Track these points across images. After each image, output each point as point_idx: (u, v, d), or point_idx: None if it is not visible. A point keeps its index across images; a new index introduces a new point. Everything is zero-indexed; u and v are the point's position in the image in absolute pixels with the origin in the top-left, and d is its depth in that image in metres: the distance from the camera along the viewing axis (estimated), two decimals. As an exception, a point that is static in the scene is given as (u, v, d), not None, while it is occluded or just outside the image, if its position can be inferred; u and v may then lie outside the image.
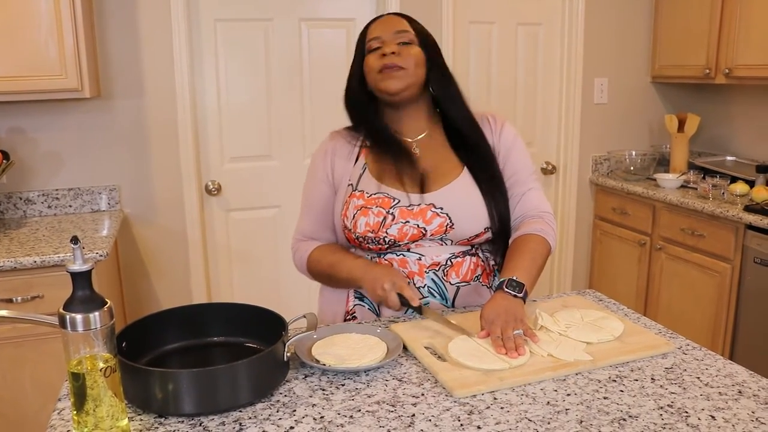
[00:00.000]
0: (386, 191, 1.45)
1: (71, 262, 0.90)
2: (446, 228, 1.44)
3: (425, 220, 1.43)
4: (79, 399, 0.91)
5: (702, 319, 2.92)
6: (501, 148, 1.53)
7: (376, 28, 1.48)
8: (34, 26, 2.28)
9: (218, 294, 3.09)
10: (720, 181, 2.90)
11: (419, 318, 1.41)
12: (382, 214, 1.43)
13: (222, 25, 2.89)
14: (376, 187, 1.47)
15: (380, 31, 1.46)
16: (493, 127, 1.55)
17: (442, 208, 1.43)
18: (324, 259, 1.51)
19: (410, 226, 1.43)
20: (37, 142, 2.68)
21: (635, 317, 1.43)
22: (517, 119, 3.43)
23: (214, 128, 2.96)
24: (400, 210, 1.43)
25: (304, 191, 1.60)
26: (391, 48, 1.43)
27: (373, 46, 1.46)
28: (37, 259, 2.08)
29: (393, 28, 1.46)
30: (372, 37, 1.46)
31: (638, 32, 3.52)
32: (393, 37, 1.45)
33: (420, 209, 1.43)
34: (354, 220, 1.45)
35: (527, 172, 1.53)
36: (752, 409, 1.03)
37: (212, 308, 1.28)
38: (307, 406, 1.05)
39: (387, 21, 1.49)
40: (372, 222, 1.43)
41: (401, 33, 1.45)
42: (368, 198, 1.45)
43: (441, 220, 1.43)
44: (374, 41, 1.46)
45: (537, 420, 1.01)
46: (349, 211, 1.47)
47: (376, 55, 1.45)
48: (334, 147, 1.55)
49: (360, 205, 1.45)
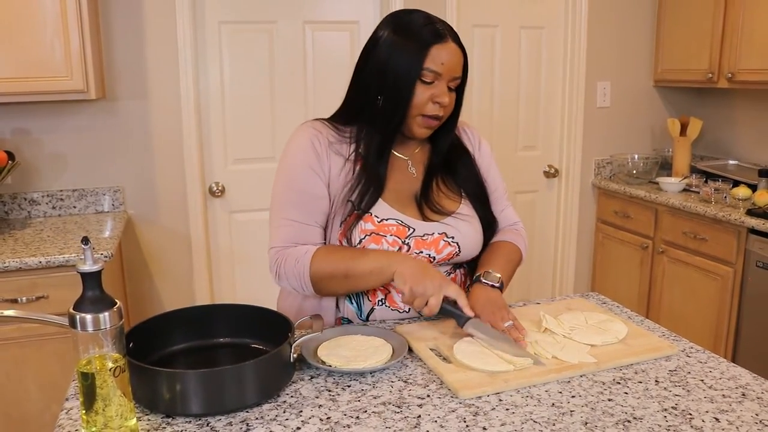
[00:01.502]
0: (400, 218, 1.38)
1: (81, 263, 0.91)
2: (453, 255, 1.42)
3: (437, 250, 1.40)
4: (89, 398, 0.92)
5: (704, 323, 2.92)
6: (481, 164, 1.55)
7: (437, 56, 1.31)
8: (40, 28, 2.29)
9: (221, 295, 3.09)
10: (722, 185, 2.90)
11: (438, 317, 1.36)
12: (398, 243, 1.37)
13: (226, 28, 2.90)
14: (387, 212, 1.38)
15: (444, 67, 1.32)
16: (473, 141, 1.57)
17: (453, 237, 1.41)
18: (337, 255, 1.34)
19: (422, 256, 1.39)
20: (42, 143, 2.69)
21: (638, 320, 1.44)
22: (520, 122, 3.44)
23: (218, 130, 2.97)
24: (416, 240, 1.38)
25: (282, 187, 1.40)
26: (446, 98, 1.33)
27: (427, 79, 1.32)
28: (42, 259, 2.09)
29: (454, 72, 1.34)
30: (431, 67, 1.31)
31: (641, 36, 3.52)
32: (449, 80, 1.34)
33: (434, 239, 1.40)
34: (361, 245, 1.35)
35: (502, 190, 1.59)
36: (756, 412, 1.04)
37: (219, 309, 1.28)
38: (314, 407, 1.06)
39: (451, 56, 1.33)
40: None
41: (456, 79, 1.36)
42: (379, 224, 1.36)
43: (451, 249, 1.41)
44: (431, 74, 1.32)
45: (542, 421, 1.01)
46: (354, 235, 1.35)
47: (427, 95, 1.32)
48: (329, 139, 1.39)
49: (370, 230, 1.35)
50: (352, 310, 1.43)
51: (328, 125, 1.43)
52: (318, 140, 1.39)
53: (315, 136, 1.39)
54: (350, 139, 1.41)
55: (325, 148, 1.38)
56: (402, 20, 1.36)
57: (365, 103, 1.38)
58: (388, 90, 1.33)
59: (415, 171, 1.47)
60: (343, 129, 1.43)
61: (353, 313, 1.43)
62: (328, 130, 1.42)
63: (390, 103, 1.34)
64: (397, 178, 1.43)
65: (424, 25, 1.33)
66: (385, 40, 1.35)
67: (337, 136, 1.41)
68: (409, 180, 1.45)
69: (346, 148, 1.41)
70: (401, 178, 1.44)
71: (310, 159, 1.37)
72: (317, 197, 1.38)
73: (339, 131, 1.42)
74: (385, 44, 1.34)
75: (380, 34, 1.36)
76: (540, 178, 3.56)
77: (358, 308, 1.43)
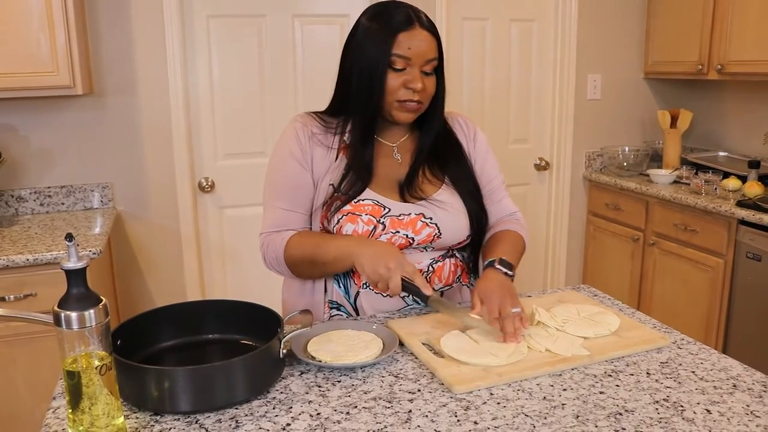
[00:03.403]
0: (375, 198, 1.41)
1: (66, 260, 0.89)
2: (433, 238, 1.43)
3: (415, 230, 1.41)
4: (75, 397, 0.91)
5: (695, 314, 2.93)
6: (477, 157, 1.56)
7: (405, 42, 1.33)
8: (25, 22, 2.26)
9: (212, 291, 3.08)
10: (712, 177, 2.91)
11: (428, 310, 1.40)
12: (373, 222, 1.39)
13: (215, 22, 2.87)
14: (365, 193, 1.41)
15: (410, 52, 1.34)
16: (467, 132, 1.57)
17: (431, 218, 1.42)
18: (306, 241, 1.39)
19: (399, 236, 1.41)
20: (28, 139, 2.66)
21: (630, 312, 1.44)
22: (511, 116, 3.43)
23: (208, 125, 2.95)
24: (391, 220, 1.40)
25: (271, 177, 1.47)
26: (418, 83, 1.35)
27: (397, 65, 1.34)
28: (29, 257, 2.07)
29: (424, 56, 1.35)
30: (399, 53, 1.33)
31: (631, 28, 3.52)
32: (421, 64, 1.35)
33: (410, 219, 1.41)
34: (339, 225, 1.39)
35: (499, 180, 1.60)
36: (747, 403, 1.04)
37: (207, 305, 1.27)
38: (304, 402, 1.05)
39: (419, 41, 1.34)
40: (361, 230, 1.39)
41: (430, 62, 1.36)
42: (356, 204, 1.40)
43: (430, 230, 1.42)
44: (400, 60, 1.34)
45: (533, 415, 1.01)
46: (331, 215, 1.40)
47: (399, 81, 1.35)
48: (312, 131, 1.45)
49: (347, 211, 1.39)
50: (340, 293, 1.46)
51: (315, 117, 1.49)
52: (303, 132, 1.45)
53: (300, 129, 1.46)
54: (335, 129, 1.46)
55: (307, 139, 1.44)
56: (376, 9, 1.41)
57: (348, 93, 1.43)
58: (363, 79, 1.38)
59: (400, 157, 1.49)
60: (330, 120, 1.48)
61: (341, 296, 1.46)
62: (313, 122, 1.47)
63: (364, 91, 1.38)
64: (381, 163, 1.46)
65: (393, 12, 1.37)
66: (360, 29, 1.41)
67: (323, 127, 1.47)
68: (394, 166, 1.48)
69: (331, 138, 1.46)
70: (385, 163, 1.47)
71: (294, 150, 1.44)
72: (301, 186, 1.44)
73: (325, 123, 1.48)
74: (359, 33, 1.41)
75: (357, 23, 1.43)
76: (531, 171, 3.56)
77: (345, 291, 1.46)
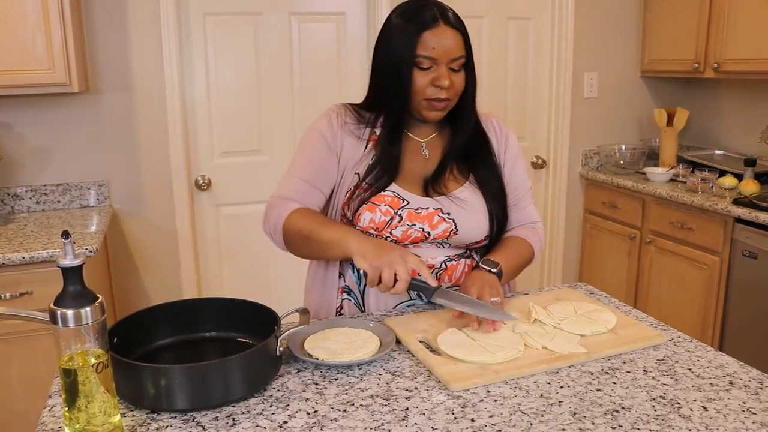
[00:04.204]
0: (396, 191, 1.43)
1: (62, 258, 0.89)
2: (450, 233, 1.44)
3: (431, 225, 1.42)
4: (71, 395, 0.90)
5: (691, 312, 2.94)
6: (507, 160, 1.56)
7: (430, 41, 1.33)
8: (20, 20, 2.25)
9: (208, 289, 3.07)
10: (709, 175, 2.91)
11: (425, 308, 1.40)
12: (390, 213, 1.41)
13: (211, 19, 2.87)
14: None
15: (436, 52, 1.34)
16: (499, 135, 1.56)
17: (449, 213, 1.43)
18: (310, 217, 1.39)
19: (415, 229, 1.42)
20: (24, 137, 2.65)
21: (626, 309, 1.44)
22: (507, 113, 3.43)
23: (204, 123, 2.94)
24: (408, 212, 1.42)
25: (300, 150, 1.48)
26: (445, 80, 1.35)
27: (423, 65, 1.35)
28: (25, 255, 2.06)
29: (450, 54, 1.35)
30: (424, 53, 1.34)
31: (628, 27, 3.53)
32: (448, 62, 1.35)
33: (428, 213, 1.42)
34: (357, 214, 1.41)
35: (526, 187, 1.60)
36: (743, 400, 1.04)
37: (204, 303, 1.27)
38: (301, 400, 1.05)
39: (444, 39, 1.34)
40: (378, 220, 1.40)
41: (456, 60, 1.36)
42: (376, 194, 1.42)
43: (447, 225, 1.43)
44: (426, 60, 1.34)
45: (530, 412, 1.01)
46: (353, 202, 1.43)
47: (427, 80, 1.36)
48: (345, 120, 1.47)
49: (367, 199, 1.42)
50: (353, 279, 1.49)
51: (351, 109, 1.51)
52: (336, 120, 1.47)
53: (334, 117, 1.48)
54: (368, 123, 1.48)
55: (339, 127, 1.46)
56: (404, 6, 1.41)
57: (379, 90, 1.45)
58: (391, 77, 1.39)
59: (428, 154, 1.50)
60: (363, 114, 1.49)
61: (353, 282, 1.49)
62: (348, 112, 1.50)
63: (393, 89, 1.39)
64: (409, 158, 1.48)
65: (419, 10, 1.37)
66: (388, 26, 1.42)
67: (356, 118, 1.49)
68: (421, 162, 1.49)
69: (363, 129, 1.48)
70: (413, 158, 1.48)
71: (326, 133, 1.46)
72: (325, 170, 1.46)
73: (359, 115, 1.49)
74: (388, 31, 1.41)
75: (388, 20, 1.43)
76: (528, 169, 3.55)
77: (358, 278, 1.49)
